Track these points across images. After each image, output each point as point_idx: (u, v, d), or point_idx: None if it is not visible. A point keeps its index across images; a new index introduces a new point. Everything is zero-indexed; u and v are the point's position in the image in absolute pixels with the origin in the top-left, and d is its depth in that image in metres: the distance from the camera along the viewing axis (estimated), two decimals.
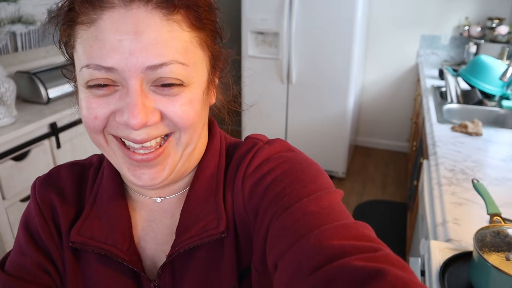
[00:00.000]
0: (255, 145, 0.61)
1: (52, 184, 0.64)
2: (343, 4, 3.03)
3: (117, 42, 0.46)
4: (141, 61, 0.47)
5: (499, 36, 3.20)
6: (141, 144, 0.52)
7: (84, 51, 0.49)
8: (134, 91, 0.48)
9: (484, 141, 1.85)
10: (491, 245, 0.90)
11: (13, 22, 2.46)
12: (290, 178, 0.55)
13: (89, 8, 0.48)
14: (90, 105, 0.51)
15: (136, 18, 0.47)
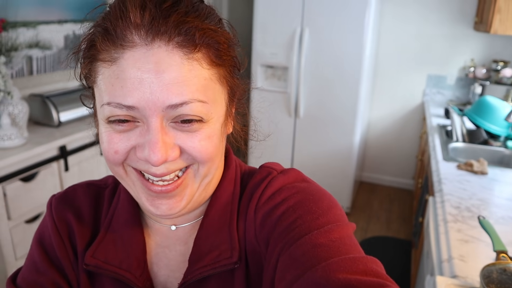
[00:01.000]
0: (269, 175, 0.61)
1: (69, 203, 0.64)
2: (352, 41, 3.11)
3: (139, 81, 0.47)
4: (162, 100, 0.47)
5: (504, 78, 3.25)
6: (160, 177, 0.52)
7: (105, 89, 0.49)
8: (155, 129, 0.48)
9: (490, 180, 1.86)
10: (498, 281, 0.89)
11: (31, 46, 2.54)
12: (302, 209, 0.54)
13: (110, 46, 0.48)
14: (111, 139, 0.51)
15: (157, 58, 0.47)
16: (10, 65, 2.40)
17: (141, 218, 0.64)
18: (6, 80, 2.09)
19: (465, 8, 3.53)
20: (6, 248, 2.02)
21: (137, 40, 0.47)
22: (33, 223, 2.16)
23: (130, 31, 0.47)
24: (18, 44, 2.45)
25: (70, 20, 2.81)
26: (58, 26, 2.71)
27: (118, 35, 0.48)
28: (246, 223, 0.58)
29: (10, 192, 2.00)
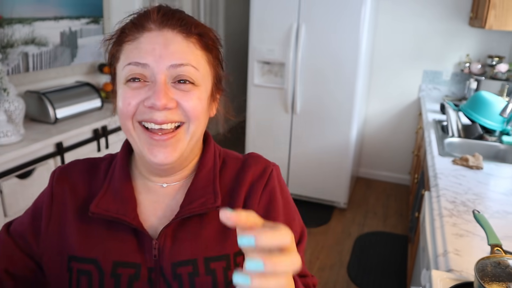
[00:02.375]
0: (267, 168, 0.81)
1: (68, 175, 0.79)
2: (348, 37, 3.12)
3: (152, 49, 0.66)
4: (167, 61, 0.66)
5: (499, 73, 3.27)
6: (160, 125, 0.68)
7: (126, 56, 0.68)
8: (160, 82, 0.66)
9: (485, 174, 1.87)
10: (492, 275, 0.90)
11: (27, 43, 2.53)
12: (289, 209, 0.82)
13: (135, 30, 0.69)
14: (126, 95, 0.68)
15: (165, 37, 0.68)
16: (6, 62, 2.39)
17: (137, 179, 0.79)
18: (2, 77, 2.09)
19: (460, 4, 3.54)
20: None
21: (153, 27, 0.68)
22: None
23: (148, 22, 0.69)
24: (14, 40, 2.44)
25: (66, 16, 2.80)
26: (54, 22, 2.70)
27: (141, 24, 0.69)
28: (252, 198, 0.77)
29: (6, 189, 2.00)
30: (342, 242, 3.09)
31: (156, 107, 0.66)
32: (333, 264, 2.82)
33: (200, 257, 0.72)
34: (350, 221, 3.41)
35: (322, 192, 3.54)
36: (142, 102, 0.67)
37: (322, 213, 3.49)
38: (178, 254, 0.72)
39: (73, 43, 2.90)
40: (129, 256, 0.72)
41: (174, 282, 0.71)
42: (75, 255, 0.73)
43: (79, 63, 2.98)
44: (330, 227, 3.31)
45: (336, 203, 3.57)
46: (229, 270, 0.72)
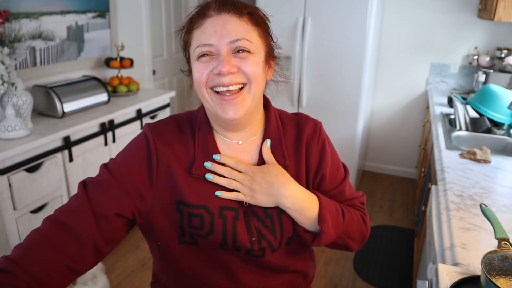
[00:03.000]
0: (316, 125, 1.02)
1: (164, 134, 0.93)
2: (355, 30, 3.10)
3: (214, 31, 0.84)
4: (226, 38, 0.84)
5: (507, 66, 3.23)
6: (227, 87, 0.85)
7: (196, 41, 0.86)
8: (224, 54, 0.84)
9: (493, 168, 1.86)
10: (499, 269, 0.90)
11: (34, 37, 2.54)
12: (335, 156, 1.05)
13: (199, 18, 0.86)
14: (199, 68, 0.86)
15: (223, 19, 0.85)
16: (13, 56, 2.41)
17: (217, 139, 0.95)
18: (10, 71, 2.10)
19: None
20: (12, 238, 2.05)
21: (213, 13, 0.85)
22: (38, 213, 2.18)
23: (209, 10, 0.86)
24: (21, 35, 2.45)
25: (73, 11, 2.81)
26: (60, 17, 2.71)
27: (203, 13, 0.86)
28: (311, 152, 0.97)
29: (15, 183, 2.02)
30: None
31: (222, 73, 0.83)
32: (339, 257, 2.82)
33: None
34: None
35: None
36: (211, 71, 0.85)
37: None
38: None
39: (80, 37, 2.91)
40: (228, 202, 0.91)
41: (266, 219, 0.92)
42: (185, 202, 0.89)
43: (86, 57, 3.00)
44: None
45: None
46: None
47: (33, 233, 0.81)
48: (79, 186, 0.87)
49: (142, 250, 2.79)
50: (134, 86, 3.09)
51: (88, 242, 0.81)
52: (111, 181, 0.86)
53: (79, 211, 0.83)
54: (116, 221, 0.85)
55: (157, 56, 3.81)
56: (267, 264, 0.95)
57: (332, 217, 0.92)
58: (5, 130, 2.09)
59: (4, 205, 1.99)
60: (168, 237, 0.92)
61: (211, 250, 0.92)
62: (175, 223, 0.90)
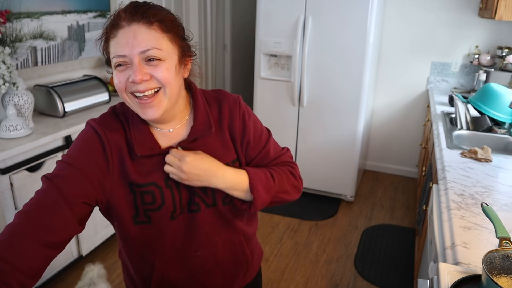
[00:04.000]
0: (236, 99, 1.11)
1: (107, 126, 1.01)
2: (355, 30, 3.09)
3: (125, 42, 0.91)
4: (137, 49, 0.90)
5: (508, 65, 3.23)
6: (143, 93, 0.93)
7: (112, 51, 0.93)
8: (136, 64, 0.91)
9: (494, 167, 1.86)
10: (500, 268, 0.90)
11: (35, 37, 2.54)
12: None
13: (113, 29, 0.92)
14: (117, 77, 0.94)
15: (133, 30, 0.91)
16: (15, 56, 2.41)
17: (152, 131, 1.03)
18: (11, 71, 2.10)
19: None
20: None
21: (124, 24, 0.92)
22: None
23: (120, 20, 0.92)
24: (23, 35, 2.45)
25: (74, 10, 2.81)
26: (61, 16, 2.71)
27: (116, 23, 0.92)
28: (233, 122, 1.08)
29: (16, 182, 2.02)
30: (349, 235, 3.09)
31: (136, 81, 0.91)
32: (340, 256, 2.83)
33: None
34: (357, 214, 3.41)
35: (329, 185, 3.54)
36: (127, 79, 0.92)
37: (329, 206, 3.50)
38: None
39: (81, 37, 2.91)
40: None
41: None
42: (135, 183, 0.98)
43: (87, 57, 3.00)
44: (337, 220, 3.31)
45: (343, 196, 3.57)
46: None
47: (10, 228, 0.85)
48: (43, 180, 0.93)
49: None
50: None
51: (64, 231, 0.89)
52: (74, 173, 0.93)
53: (51, 203, 0.88)
54: (84, 208, 0.93)
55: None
56: (205, 223, 1.06)
57: (262, 184, 1.05)
58: (6, 129, 2.09)
59: (6, 204, 2.00)
60: (124, 218, 1.01)
61: (162, 224, 1.02)
62: (130, 204, 0.99)
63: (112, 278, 2.52)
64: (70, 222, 0.89)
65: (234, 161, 1.08)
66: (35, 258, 0.84)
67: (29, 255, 0.83)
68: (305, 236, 3.06)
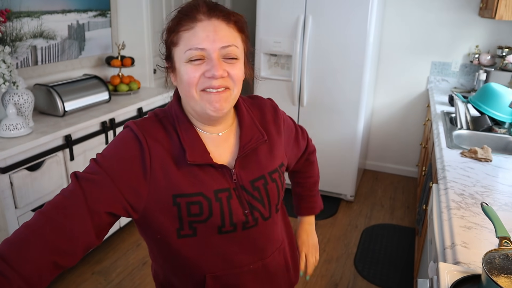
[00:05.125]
0: (272, 103, 1.16)
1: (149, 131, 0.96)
2: (356, 29, 3.09)
3: (206, 36, 0.89)
4: (218, 44, 0.89)
5: (508, 64, 3.23)
6: (217, 89, 0.91)
7: (186, 43, 0.90)
8: (215, 59, 0.90)
9: (494, 167, 1.86)
10: (500, 267, 0.90)
11: (35, 36, 2.54)
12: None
13: (188, 21, 0.90)
14: (190, 71, 0.90)
15: (214, 25, 0.90)
16: (15, 55, 2.41)
17: (199, 134, 1.00)
18: (12, 70, 2.10)
19: None
20: None
21: (203, 17, 0.90)
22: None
23: (198, 13, 0.90)
24: (23, 34, 2.45)
25: (74, 10, 2.81)
26: (62, 16, 2.71)
27: (193, 16, 0.90)
28: (278, 126, 1.11)
29: (16, 181, 2.02)
30: (349, 235, 3.09)
31: (215, 77, 0.89)
32: (339, 256, 2.83)
33: (265, 173, 1.04)
34: (357, 213, 3.41)
35: (329, 185, 3.54)
36: (202, 74, 0.90)
37: (329, 205, 3.50)
38: (251, 174, 1.02)
39: (81, 36, 2.91)
40: (221, 184, 0.97)
41: (254, 192, 1.01)
42: (182, 193, 0.93)
43: (87, 56, 3.00)
44: (337, 219, 3.31)
45: (343, 195, 3.57)
46: (280, 176, 1.07)
47: (25, 229, 0.81)
48: (72, 179, 0.88)
49: (143, 249, 2.80)
50: (135, 85, 3.09)
51: (81, 239, 0.83)
52: (105, 179, 0.87)
53: (74, 207, 0.83)
54: (107, 218, 0.87)
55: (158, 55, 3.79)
56: (260, 236, 1.05)
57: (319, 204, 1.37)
58: (6, 128, 2.09)
59: (6, 203, 2.00)
60: (166, 232, 0.96)
61: (208, 237, 0.98)
62: (173, 217, 0.94)
63: (111, 277, 2.53)
64: (87, 232, 0.84)
65: (281, 166, 1.09)
66: (42, 265, 0.78)
67: (36, 262, 0.78)
68: None
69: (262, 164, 1.04)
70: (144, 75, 3.48)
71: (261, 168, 1.04)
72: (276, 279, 1.14)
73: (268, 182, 1.04)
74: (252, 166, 1.03)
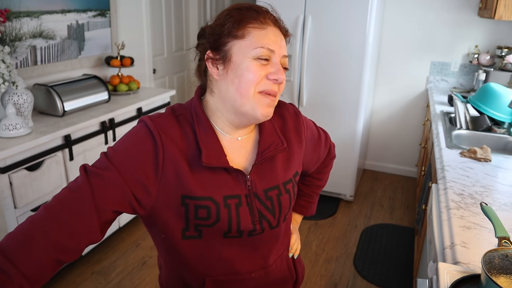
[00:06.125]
0: (293, 109, 1.13)
1: (164, 128, 0.93)
2: (355, 29, 3.09)
3: (275, 40, 0.92)
4: (283, 51, 0.94)
5: (508, 64, 3.23)
6: (274, 95, 0.94)
7: (258, 40, 0.91)
8: (279, 65, 0.93)
9: (493, 167, 1.86)
10: (500, 267, 0.90)
11: (35, 36, 2.54)
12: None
13: (260, 20, 0.93)
14: (257, 69, 0.90)
15: (279, 34, 0.95)
16: (14, 55, 2.41)
17: (218, 135, 0.98)
18: (11, 70, 2.10)
19: None
20: None
21: (270, 23, 0.94)
22: None
23: (267, 18, 0.94)
24: (22, 34, 2.45)
25: (73, 9, 2.81)
26: (61, 15, 2.71)
27: (263, 17, 0.93)
28: (300, 132, 1.09)
29: (16, 181, 2.02)
30: (348, 234, 3.10)
31: (279, 80, 0.92)
32: (339, 256, 2.83)
33: (280, 183, 1.02)
34: (356, 213, 3.41)
35: (328, 184, 3.54)
36: (265, 75, 0.91)
37: (328, 205, 3.50)
38: (266, 183, 1.00)
39: (80, 36, 2.91)
40: (232, 190, 0.95)
41: (267, 201, 0.99)
42: (191, 195, 0.91)
43: (87, 56, 3.00)
44: (337, 219, 3.32)
45: (342, 195, 3.57)
46: (294, 187, 1.06)
47: (30, 225, 0.79)
48: (81, 171, 0.86)
49: (142, 249, 2.80)
50: (135, 85, 3.09)
51: (86, 236, 0.82)
52: (115, 175, 0.85)
53: (81, 203, 0.82)
54: (112, 215, 0.86)
55: (157, 55, 3.81)
56: (264, 243, 1.03)
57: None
58: (6, 128, 2.09)
59: (5, 203, 1.99)
60: (171, 231, 0.95)
61: (213, 240, 0.96)
62: (180, 217, 0.92)
63: (111, 277, 2.53)
64: (93, 228, 0.83)
65: (295, 175, 1.07)
66: (44, 263, 0.77)
67: (39, 259, 0.76)
68: (305, 235, 3.06)
69: (278, 174, 1.02)
70: (144, 75, 3.48)
71: (276, 177, 1.02)
72: (279, 286, 1.12)
73: (282, 193, 1.02)
74: (268, 175, 1.01)
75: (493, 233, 1.08)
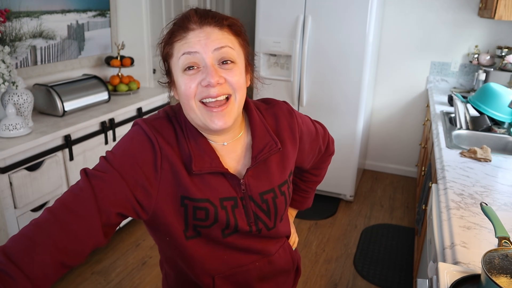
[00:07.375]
0: (287, 107, 1.10)
1: (160, 130, 0.94)
2: (355, 29, 3.09)
3: (198, 41, 0.87)
4: (211, 47, 0.87)
5: (508, 64, 3.23)
6: (215, 98, 0.88)
7: (178, 51, 0.88)
8: (210, 65, 0.87)
9: (493, 167, 1.86)
10: (500, 267, 0.90)
11: (34, 36, 2.54)
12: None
13: (181, 31, 0.89)
14: (186, 82, 0.88)
15: (206, 31, 0.88)
16: (14, 55, 2.41)
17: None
18: (11, 70, 2.10)
19: None
20: None
21: (194, 26, 0.88)
22: (39, 212, 2.19)
23: (190, 23, 0.89)
24: (22, 34, 2.45)
25: (73, 9, 2.81)
26: (61, 15, 2.71)
27: (185, 26, 0.89)
28: (294, 131, 1.07)
29: (16, 181, 2.02)
30: (348, 234, 3.10)
31: (212, 84, 0.86)
32: (339, 256, 2.83)
33: (275, 186, 1.02)
34: (356, 213, 3.41)
35: (328, 185, 3.54)
36: (199, 84, 0.87)
37: (328, 205, 3.50)
38: (261, 186, 1.00)
39: (80, 36, 2.91)
40: (228, 192, 0.96)
41: (262, 204, 1.00)
42: (189, 196, 0.92)
43: (87, 56, 3.00)
44: (337, 219, 3.32)
45: (342, 195, 3.57)
46: (289, 188, 1.06)
47: (34, 228, 0.79)
48: (82, 175, 0.85)
49: (142, 249, 2.80)
50: (135, 85, 3.09)
51: (89, 239, 0.82)
52: (116, 178, 0.85)
53: (84, 206, 0.81)
54: (116, 218, 0.86)
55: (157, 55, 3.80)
56: (263, 241, 1.06)
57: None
58: (6, 128, 2.09)
59: (5, 203, 1.99)
60: (175, 234, 0.95)
61: (213, 237, 0.98)
62: (180, 217, 0.93)
63: (111, 277, 2.53)
64: (96, 232, 0.82)
65: (290, 175, 1.07)
66: (49, 266, 0.76)
67: (44, 263, 0.76)
68: (305, 235, 3.06)
69: (274, 176, 1.02)
70: (144, 75, 3.48)
71: (272, 180, 1.02)
72: (283, 274, 1.15)
73: (277, 195, 1.02)
74: (263, 178, 1.01)
75: (493, 233, 1.08)
